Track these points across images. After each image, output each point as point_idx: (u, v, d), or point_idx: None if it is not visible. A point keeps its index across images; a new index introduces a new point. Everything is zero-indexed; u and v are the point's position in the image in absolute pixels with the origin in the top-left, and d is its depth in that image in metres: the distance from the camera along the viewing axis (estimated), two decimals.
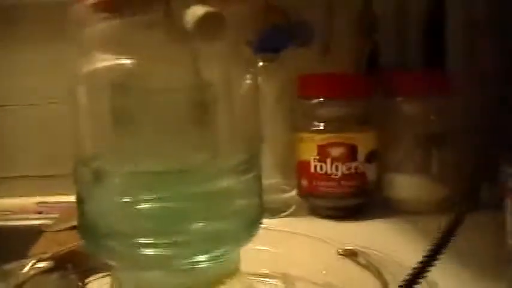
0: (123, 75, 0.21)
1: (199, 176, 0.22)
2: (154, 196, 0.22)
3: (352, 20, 0.52)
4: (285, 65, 0.46)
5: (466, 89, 0.46)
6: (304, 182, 0.44)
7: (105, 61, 0.22)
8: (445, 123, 0.44)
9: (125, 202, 0.22)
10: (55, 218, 0.48)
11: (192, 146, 0.22)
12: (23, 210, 0.53)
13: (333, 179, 0.43)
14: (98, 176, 0.22)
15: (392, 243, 0.37)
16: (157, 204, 0.22)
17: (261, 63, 0.45)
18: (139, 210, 0.22)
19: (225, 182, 0.22)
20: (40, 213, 0.52)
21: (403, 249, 0.31)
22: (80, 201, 0.23)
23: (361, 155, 0.43)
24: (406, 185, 0.44)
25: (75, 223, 0.24)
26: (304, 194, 0.45)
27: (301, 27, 0.45)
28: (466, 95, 0.45)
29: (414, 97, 0.44)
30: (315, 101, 0.44)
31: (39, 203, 0.55)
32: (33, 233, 0.43)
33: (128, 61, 0.21)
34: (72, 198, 0.24)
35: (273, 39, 0.45)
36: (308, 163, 0.44)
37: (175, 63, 0.22)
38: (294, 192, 0.46)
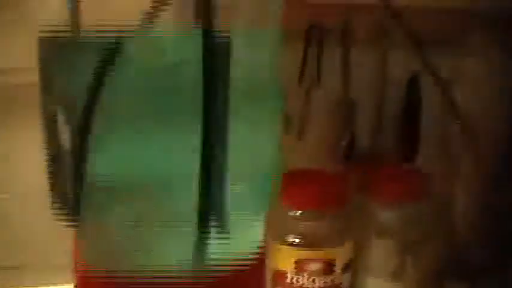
0: None
1: None
2: None
3: (329, 107, 0.51)
4: None
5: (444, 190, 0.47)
6: None
7: None
8: (422, 230, 0.45)
9: None
10: None
11: None
12: None
13: None
14: None
15: None
16: None
17: None
18: None
19: None
20: None
21: None
22: None
23: (338, 267, 0.43)
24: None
25: None
26: None
27: None
28: (445, 198, 0.46)
29: (390, 204, 0.45)
30: (292, 213, 0.44)
31: None
32: None
33: None
34: None
35: None
36: (285, 274, 0.44)
37: None
38: None
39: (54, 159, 0.23)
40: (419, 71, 0.51)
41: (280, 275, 0.44)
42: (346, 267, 0.44)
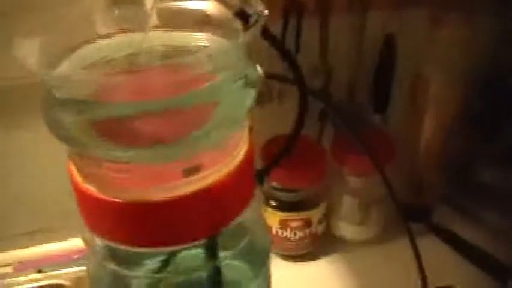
0: None
1: None
2: None
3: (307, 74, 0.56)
4: None
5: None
6: None
7: None
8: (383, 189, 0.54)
9: None
10: None
11: None
12: None
13: (291, 241, 0.55)
14: None
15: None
16: None
17: None
18: None
19: None
20: None
21: None
22: None
23: (315, 222, 0.54)
24: (349, 229, 0.57)
25: None
26: None
27: None
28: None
29: (358, 172, 0.53)
30: (274, 184, 0.53)
31: None
32: None
33: None
34: None
35: None
36: (271, 228, 0.54)
37: None
38: None
39: None
40: (395, 31, 0.55)
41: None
42: (321, 220, 0.54)
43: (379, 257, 0.55)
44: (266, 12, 0.26)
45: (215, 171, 0.26)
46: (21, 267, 0.58)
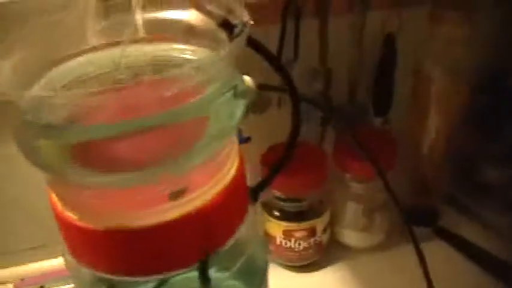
0: None
1: None
2: None
3: (307, 78, 0.54)
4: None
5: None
6: (271, 246, 0.54)
7: None
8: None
9: None
10: None
11: None
12: None
13: (296, 251, 0.53)
14: None
15: None
16: None
17: None
18: None
19: None
20: None
21: None
22: None
23: (319, 231, 0.52)
24: (353, 236, 0.55)
25: None
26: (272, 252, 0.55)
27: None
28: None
29: (360, 178, 0.52)
30: (276, 193, 0.51)
31: None
32: None
33: None
34: None
35: None
36: (275, 238, 0.53)
37: None
38: None
39: None
40: (395, 30, 0.53)
41: (271, 237, 0.53)
42: (325, 229, 0.53)
43: (385, 263, 0.53)
44: (251, 22, 0.24)
45: (204, 192, 0.24)
46: (23, 284, 0.56)
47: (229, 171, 0.26)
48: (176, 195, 0.23)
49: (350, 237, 0.55)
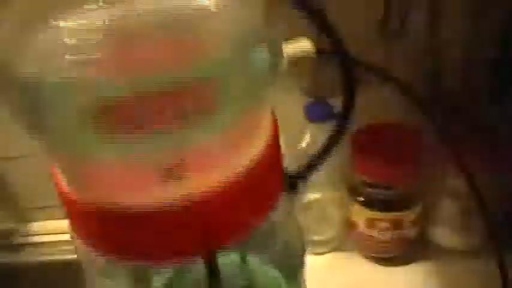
0: None
1: None
2: None
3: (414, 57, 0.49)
4: None
5: None
6: (353, 234, 0.51)
7: None
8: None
9: None
10: None
11: None
12: None
13: (378, 242, 0.49)
14: None
15: None
16: None
17: None
18: None
19: None
20: None
21: None
22: None
23: (406, 224, 0.48)
24: (445, 236, 0.50)
25: None
26: (354, 238, 0.52)
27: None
28: None
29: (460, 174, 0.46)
30: (363, 177, 0.47)
31: None
32: None
33: None
34: None
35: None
36: (357, 225, 0.49)
37: None
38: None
39: None
40: None
41: (353, 224, 0.50)
42: (414, 223, 0.48)
43: (475, 269, 0.48)
44: None
45: (219, 172, 0.20)
46: None
47: (254, 150, 0.21)
48: (180, 170, 0.19)
49: (443, 236, 0.50)
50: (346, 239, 0.52)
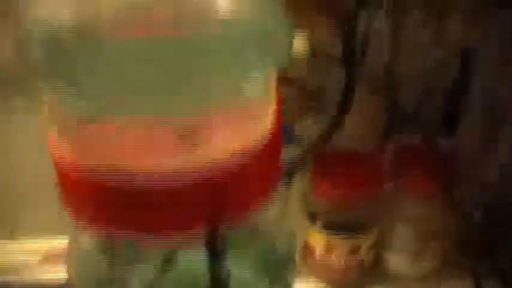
0: None
1: None
2: None
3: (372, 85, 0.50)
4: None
5: None
6: (309, 261, 0.50)
7: None
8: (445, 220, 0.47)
9: None
10: None
11: None
12: None
13: (336, 269, 0.48)
14: None
15: None
16: None
17: None
18: None
19: None
20: None
21: None
22: None
23: (363, 250, 0.47)
24: (402, 262, 0.50)
25: None
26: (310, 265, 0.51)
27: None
28: None
29: (418, 197, 0.47)
30: (320, 199, 0.47)
31: None
32: None
33: None
34: None
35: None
36: (314, 250, 0.48)
37: None
38: None
39: None
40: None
41: (309, 249, 0.49)
42: (370, 248, 0.48)
43: None
44: None
45: (220, 145, 0.19)
46: None
47: (259, 129, 0.21)
48: (186, 137, 0.19)
49: (398, 263, 0.50)
50: (303, 267, 0.51)
